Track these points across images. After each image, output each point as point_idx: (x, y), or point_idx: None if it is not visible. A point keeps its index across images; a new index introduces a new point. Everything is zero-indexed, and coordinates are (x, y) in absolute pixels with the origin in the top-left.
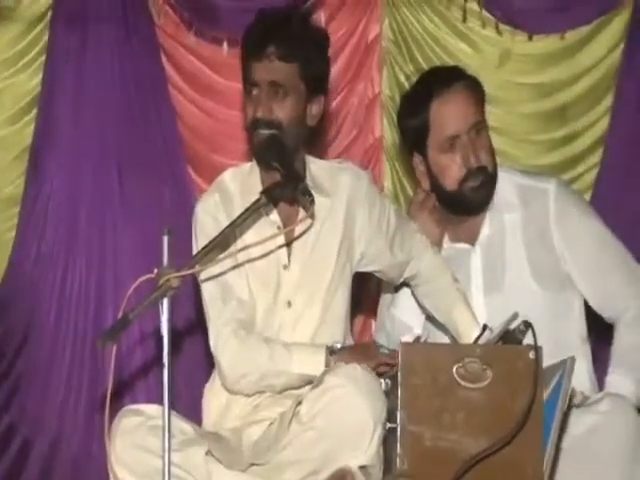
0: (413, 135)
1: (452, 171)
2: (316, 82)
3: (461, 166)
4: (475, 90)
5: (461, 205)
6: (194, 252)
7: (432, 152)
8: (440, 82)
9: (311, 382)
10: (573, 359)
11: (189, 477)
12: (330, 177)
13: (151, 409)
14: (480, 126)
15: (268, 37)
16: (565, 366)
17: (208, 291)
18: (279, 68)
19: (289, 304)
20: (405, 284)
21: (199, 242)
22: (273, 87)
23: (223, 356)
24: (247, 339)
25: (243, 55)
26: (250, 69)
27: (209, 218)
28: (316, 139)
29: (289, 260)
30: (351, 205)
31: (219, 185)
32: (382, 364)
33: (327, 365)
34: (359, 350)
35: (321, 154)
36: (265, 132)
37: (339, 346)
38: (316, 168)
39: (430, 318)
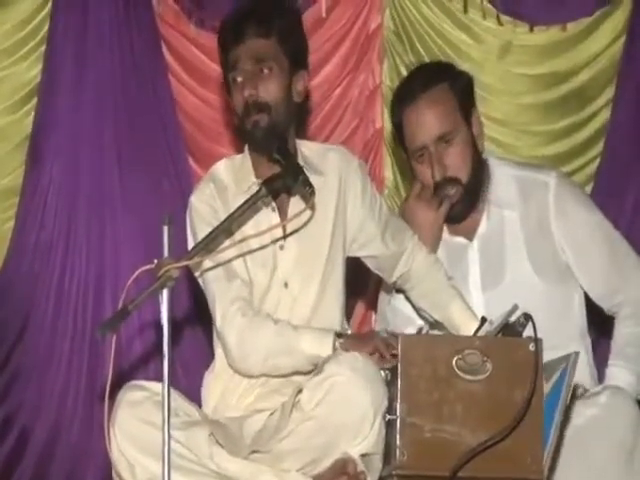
0: (396, 134)
1: (425, 180)
2: (297, 55)
3: (429, 177)
4: (452, 96)
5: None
6: (189, 243)
7: (409, 156)
8: (414, 88)
9: (316, 367)
10: (577, 354)
11: (191, 455)
12: (320, 156)
13: (157, 386)
14: (451, 136)
15: (245, 19)
16: (569, 360)
17: (211, 273)
18: (260, 45)
19: (286, 285)
20: (400, 290)
21: (198, 230)
22: (257, 64)
23: (230, 334)
24: (255, 317)
25: (223, 46)
26: (232, 54)
27: (206, 206)
28: (308, 128)
29: (284, 240)
30: (342, 184)
31: (213, 176)
32: (378, 349)
33: (334, 348)
34: (358, 336)
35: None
36: (258, 117)
37: (349, 331)
38: (307, 150)
39: (431, 323)
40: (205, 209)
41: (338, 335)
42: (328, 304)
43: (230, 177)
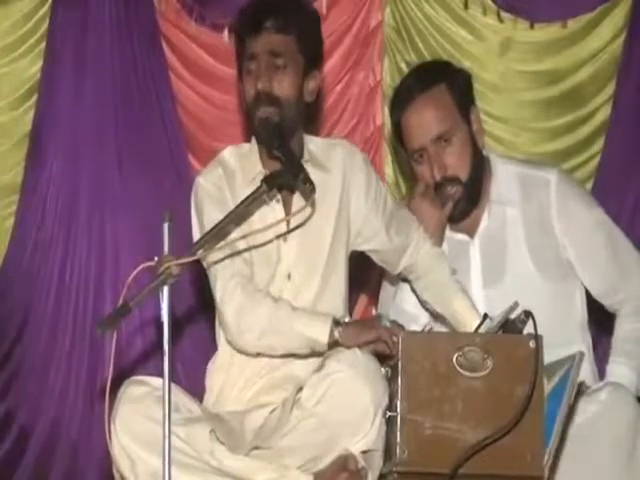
0: (396, 134)
1: (426, 180)
2: (313, 55)
3: (429, 178)
4: (450, 96)
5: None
6: (194, 223)
7: (408, 156)
8: (411, 90)
9: (313, 352)
10: (582, 353)
11: (192, 452)
12: (325, 152)
13: (158, 382)
14: (450, 135)
15: (265, 12)
16: (574, 360)
17: (214, 257)
18: (277, 40)
19: (289, 277)
20: (405, 279)
21: (205, 209)
22: (272, 58)
23: (228, 308)
24: (255, 293)
25: (240, 33)
26: (248, 44)
27: (213, 186)
28: (317, 126)
29: (288, 234)
30: (346, 179)
31: (220, 160)
32: (381, 339)
33: (331, 335)
34: (360, 322)
35: None
36: (267, 112)
37: (347, 319)
38: (314, 145)
39: (434, 315)
40: (212, 188)
41: (337, 323)
42: (330, 296)
43: (238, 164)
